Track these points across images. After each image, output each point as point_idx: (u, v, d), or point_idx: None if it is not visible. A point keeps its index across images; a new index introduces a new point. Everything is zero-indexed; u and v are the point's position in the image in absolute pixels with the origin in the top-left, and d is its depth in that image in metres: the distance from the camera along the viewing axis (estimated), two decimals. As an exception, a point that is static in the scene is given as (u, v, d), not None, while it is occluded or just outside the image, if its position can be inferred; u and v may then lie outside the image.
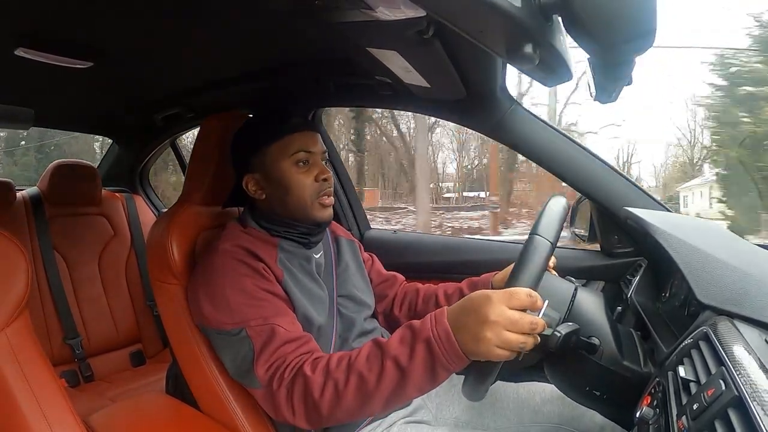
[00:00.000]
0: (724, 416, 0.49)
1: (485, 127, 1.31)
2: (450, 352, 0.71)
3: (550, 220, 0.80)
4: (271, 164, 1.00)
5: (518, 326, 0.67)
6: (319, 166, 1.02)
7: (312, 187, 1.01)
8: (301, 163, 1.01)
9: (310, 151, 1.01)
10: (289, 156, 1.00)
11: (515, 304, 0.68)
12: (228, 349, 0.91)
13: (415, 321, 0.77)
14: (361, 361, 0.78)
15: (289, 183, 1.00)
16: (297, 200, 1.00)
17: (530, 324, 0.68)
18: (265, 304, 0.90)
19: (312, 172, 1.01)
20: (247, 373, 0.87)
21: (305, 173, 1.01)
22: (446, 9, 0.57)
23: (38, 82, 1.39)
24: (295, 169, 1.00)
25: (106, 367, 1.83)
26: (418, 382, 0.74)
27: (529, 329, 0.68)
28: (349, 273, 1.13)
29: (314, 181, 1.01)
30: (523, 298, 0.69)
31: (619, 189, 1.22)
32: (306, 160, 1.01)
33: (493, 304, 0.68)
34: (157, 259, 1.04)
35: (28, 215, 1.78)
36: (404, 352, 0.74)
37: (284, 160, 1.00)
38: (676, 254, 0.80)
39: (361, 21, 0.76)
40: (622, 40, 0.55)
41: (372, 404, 0.77)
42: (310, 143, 1.02)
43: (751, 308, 0.66)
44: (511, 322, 0.67)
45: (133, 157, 2.23)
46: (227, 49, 1.23)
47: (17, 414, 0.72)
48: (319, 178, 1.01)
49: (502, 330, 0.67)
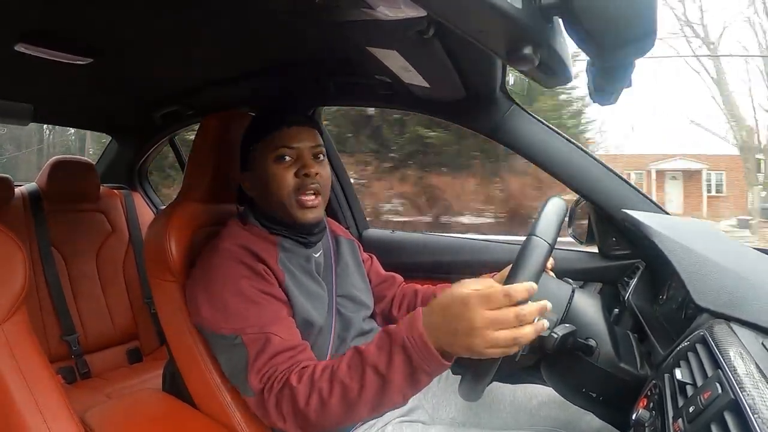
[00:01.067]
0: (720, 419, 0.49)
1: (484, 128, 1.31)
2: (427, 356, 0.70)
3: (549, 221, 0.80)
4: (258, 161, 0.99)
5: (503, 323, 0.66)
6: (302, 162, 0.98)
7: (291, 183, 0.96)
8: (283, 159, 0.97)
9: (291, 146, 0.97)
10: (270, 152, 0.97)
11: (493, 305, 0.66)
12: (223, 353, 0.92)
13: (391, 326, 0.77)
14: (343, 370, 0.77)
15: (268, 179, 0.97)
16: (277, 198, 0.97)
17: (516, 316, 0.66)
18: (263, 309, 0.89)
19: (292, 168, 0.97)
20: (240, 379, 0.87)
21: (285, 169, 0.97)
22: (447, 9, 0.57)
23: (38, 77, 1.38)
24: (275, 165, 0.97)
25: (102, 364, 1.83)
26: (400, 387, 0.73)
27: (517, 321, 0.66)
28: (349, 273, 1.13)
29: (294, 176, 0.97)
30: (500, 298, 0.66)
31: (618, 191, 1.22)
32: (287, 155, 0.97)
33: (471, 310, 0.67)
34: (154, 257, 1.04)
35: (26, 211, 1.77)
36: (382, 359, 0.74)
37: (266, 156, 0.98)
38: (674, 257, 0.81)
39: (361, 20, 0.76)
40: (622, 42, 0.55)
41: (358, 411, 0.77)
42: (293, 138, 0.97)
43: (748, 312, 0.67)
44: (494, 322, 0.66)
45: (132, 154, 2.23)
46: (227, 47, 1.23)
47: (13, 409, 0.72)
48: (299, 173, 0.97)
49: (489, 332, 0.66)
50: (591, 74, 0.71)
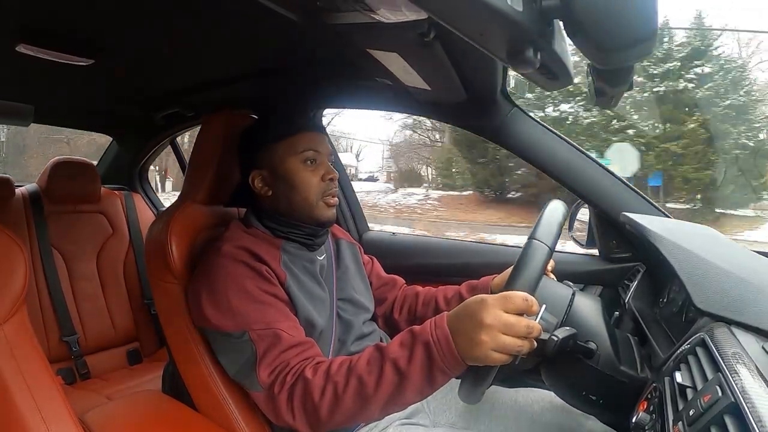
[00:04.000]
0: (720, 423, 0.49)
1: (485, 131, 1.31)
2: (448, 356, 0.71)
3: (549, 225, 0.80)
4: (279, 161, 1.01)
5: (514, 330, 0.68)
6: (325, 166, 1.03)
7: (318, 186, 1.01)
8: (309, 162, 1.02)
9: (318, 150, 1.03)
10: (297, 153, 1.01)
11: (511, 308, 0.69)
12: (229, 351, 0.91)
13: (416, 326, 0.78)
14: (362, 365, 0.78)
15: (295, 180, 1.01)
16: (303, 199, 1.01)
17: (526, 327, 0.68)
18: (267, 308, 0.90)
19: (319, 172, 1.02)
20: (249, 375, 0.87)
21: (312, 172, 1.02)
22: (447, 12, 0.57)
23: (39, 78, 1.39)
24: (302, 167, 1.01)
25: (102, 365, 1.83)
26: (417, 385, 0.74)
27: (525, 333, 0.68)
28: (349, 276, 1.13)
29: (321, 180, 1.02)
30: (519, 302, 0.69)
31: (618, 194, 1.22)
32: (313, 159, 1.02)
33: (488, 308, 0.69)
34: (155, 258, 1.04)
35: (26, 212, 1.78)
36: (403, 355, 0.75)
37: (292, 157, 1.01)
38: (674, 260, 0.80)
39: (362, 23, 0.76)
40: (622, 45, 0.55)
41: (371, 407, 0.78)
42: (318, 143, 1.03)
43: (749, 315, 0.66)
44: (507, 325, 0.68)
45: (133, 155, 2.23)
46: (229, 49, 1.23)
47: (13, 410, 0.71)
48: (325, 177, 1.02)
49: (497, 333, 0.68)
50: (591, 77, 0.71)
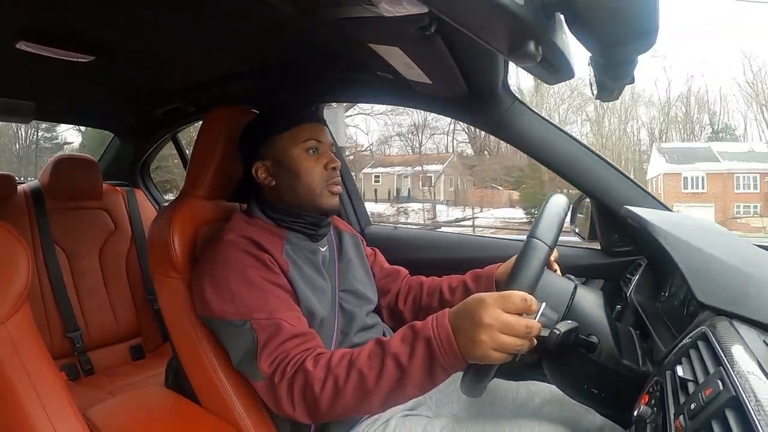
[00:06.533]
0: (721, 416, 0.49)
1: (486, 125, 1.31)
2: (449, 353, 0.71)
3: (549, 221, 0.80)
4: (282, 151, 1.03)
5: (513, 330, 0.68)
6: (328, 156, 1.06)
7: (321, 174, 1.03)
8: (312, 151, 1.04)
9: (320, 140, 1.05)
10: (300, 143, 1.03)
11: (510, 307, 0.69)
12: (231, 339, 0.92)
13: (417, 322, 0.78)
14: (363, 359, 0.79)
15: (299, 169, 1.02)
16: (306, 187, 1.02)
17: (525, 327, 0.68)
18: (270, 297, 0.90)
19: (321, 161, 1.04)
20: (250, 364, 0.88)
21: (315, 161, 1.04)
22: (448, 6, 0.57)
23: (39, 75, 1.39)
24: (305, 155, 1.03)
25: (105, 361, 1.84)
26: (417, 381, 0.74)
27: (525, 332, 0.68)
28: (352, 267, 1.14)
29: (323, 169, 1.04)
30: (518, 302, 0.69)
31: (620, 187, 1.22)
32: (316, 148, 1.04)
33: (487, 308, 0.69)
34: (158, 253, 1.04)
35: (28, 208, 1.78)
36: (405, 350, 0.75)
37: (295, 147, 1.03)
38: (676, 254, 0.80)
39: (363, 17, 0.76)
40: (624, 38, 0.55)
41: (371, 401, 0.78)
42: (319, 133, 1.06)
43: (751, 309, 0.66)
44: (506, 325, 0.68)
45: (134, 151, 2.23)
46: (230, 44, 1.23)
47: (17, 406, 0.72)
48: (328, 166, 1.04)
49: (497, 333, 0.68)
50: (593, 70, 0.71)
